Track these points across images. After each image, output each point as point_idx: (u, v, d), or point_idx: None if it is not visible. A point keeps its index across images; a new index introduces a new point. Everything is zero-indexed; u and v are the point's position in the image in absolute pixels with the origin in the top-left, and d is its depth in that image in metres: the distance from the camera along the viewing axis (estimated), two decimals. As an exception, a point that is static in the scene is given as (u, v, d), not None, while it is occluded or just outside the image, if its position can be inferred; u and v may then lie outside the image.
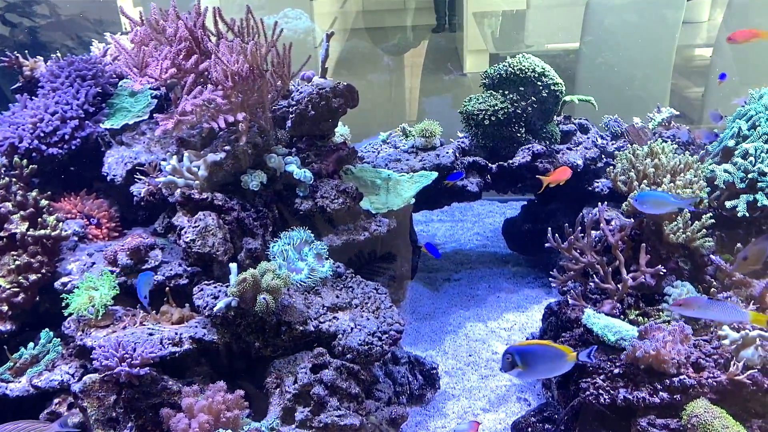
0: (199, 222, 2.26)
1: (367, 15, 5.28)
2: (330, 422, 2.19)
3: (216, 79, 2.17)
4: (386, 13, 5.44)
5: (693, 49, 5.21)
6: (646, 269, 2.24)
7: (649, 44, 4.43)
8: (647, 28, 4.40)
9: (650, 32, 4.41)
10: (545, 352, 1.79)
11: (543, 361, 1.79)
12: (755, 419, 1.98)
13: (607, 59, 4.54)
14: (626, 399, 1.99)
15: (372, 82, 5.10)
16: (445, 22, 5.55)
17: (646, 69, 4.49)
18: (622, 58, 4.49)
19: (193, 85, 2.18)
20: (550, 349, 1.79)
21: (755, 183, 2.23)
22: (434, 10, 5.48)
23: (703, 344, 2.08)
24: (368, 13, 5.28)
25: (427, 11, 5.37)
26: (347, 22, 5.28)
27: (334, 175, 2.72)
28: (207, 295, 2.23)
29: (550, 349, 1.79)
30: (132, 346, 2.05)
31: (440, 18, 5.51)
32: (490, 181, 3.21)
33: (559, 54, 4.89)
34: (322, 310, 2.38)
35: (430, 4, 5.40)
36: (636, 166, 2.31)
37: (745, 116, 2.38)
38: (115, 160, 2.50)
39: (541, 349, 1.80)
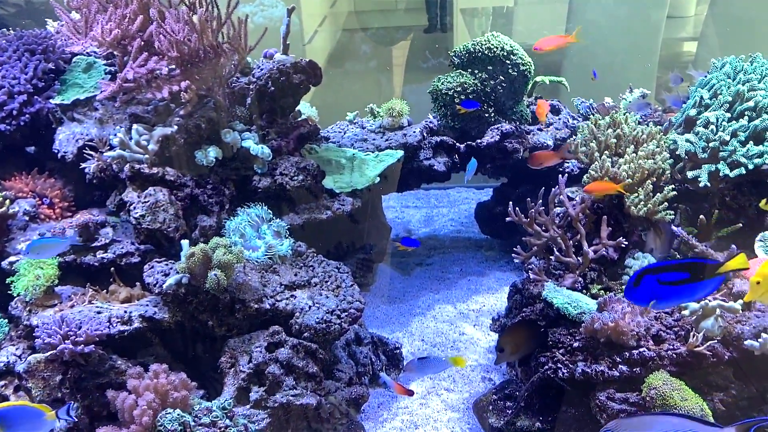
0: (149, 197, 2.19)
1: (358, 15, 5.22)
2: (286, 402, 2.14)
3: (159, 48, 2.11)
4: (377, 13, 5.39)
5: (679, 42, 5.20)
6: (607, 242, 2.19)
7: (634, 38, 4.41)
8: (631, 21, 4.38)
9: (635, 26, 4.39)
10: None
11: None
12: (716, 392, 1.95)
13: (592, 52, 4.50)
14: (585, 372, 1.94)
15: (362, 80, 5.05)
16: (436, 22, 5.49)
17: (632, 62, 4.45)
18: (607, 51, 4.46)
19: (139, 52, 2.11)
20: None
21: (717, 152, 2.19)
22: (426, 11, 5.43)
23: (665, 317, 2.03)
24: (359, 14, 5.22)
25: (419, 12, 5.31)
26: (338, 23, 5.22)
27: (295, 152, 2.65)
28: (157, 272, 2.17)
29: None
30: (77, 323, 1.99)
31: (432, 18, 5.46)
32: (458, 161, 3.16)
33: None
34: (280, 288, 2.32)
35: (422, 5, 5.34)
36: (598, 137, 2.26)
37: (707, 85, 2.34)
38: (66, 136, 2.43)
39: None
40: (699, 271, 1.55)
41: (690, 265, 1.58)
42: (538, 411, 2.08)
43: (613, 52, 4.41)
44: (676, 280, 1.55)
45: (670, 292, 1.56)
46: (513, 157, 3.19)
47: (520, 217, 2.33)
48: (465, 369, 2.61)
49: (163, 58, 2.14)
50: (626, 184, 2.17)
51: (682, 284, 1.55)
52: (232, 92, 2.56)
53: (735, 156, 2.16)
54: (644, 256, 2.12)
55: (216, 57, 2.34)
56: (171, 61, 2.14)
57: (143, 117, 2.42)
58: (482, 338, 2.80)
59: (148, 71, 2.16)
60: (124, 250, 2.27)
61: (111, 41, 2.21)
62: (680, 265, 1.59)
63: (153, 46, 2.21)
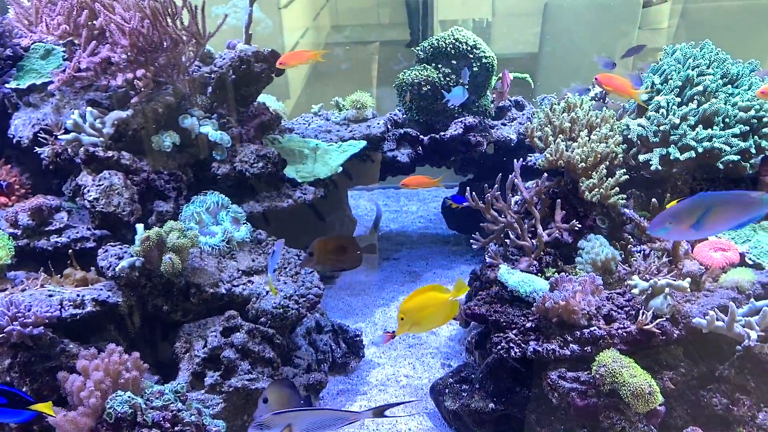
0: (104, 181, 2.18)
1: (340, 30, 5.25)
2: (240, 386, 2.13)
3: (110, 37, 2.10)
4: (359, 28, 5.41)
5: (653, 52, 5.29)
6: (561, 225, 2.22)
7: (607, 46, 4.47)
8: (603, 30, 4.45)
9: (607, 34, 4.46)
10: None
11: None
12: (666, 371, 1.97)
13: (566, 59, 4.57)
14: (536, 351, 1.96)
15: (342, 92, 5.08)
16: (418, 37, 5.51)
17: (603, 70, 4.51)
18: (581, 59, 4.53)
19: (88, 41, 2.10)
20: None
21: (667, 136, 2.22)
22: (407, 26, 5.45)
23: (617, 297, 2.05)
24: (341, 28, 5.24)
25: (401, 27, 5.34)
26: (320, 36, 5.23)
27: (256, 140, 2.66)
28: (111, 255, 2.15)
29: None
30: (26, 305, 1.96)
31: (414, 33, 5.48)
32: (422, 153, 3.18)
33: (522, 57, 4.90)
34: (237, 274, 2.31)
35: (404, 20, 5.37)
36: (552, 121, 2.29)
37: (658, 71, 2.38)
38: (22, 122, 2.41)
39: None
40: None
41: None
42: (492, 392, 2.08)
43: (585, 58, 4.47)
44: None
45: None
46: (476, 150, 3.22)
47: (477, 202, 2.34)
48: (425, 356, 2.62)
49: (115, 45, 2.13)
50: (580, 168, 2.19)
51: None
52: (193, 80, 2.56)
53: (685, 140, 2.20)
54: (596, 238, 2.15)
55: (173, 44, 2.34)
56: (124, 49, 2.14)
57: (101, 103, 2.41)
58: (444, 327, 2.81)
59: (101, 59, 2.15)
60: (79, 235, 2.25)
61: (60, 35, 2.19)
62: None
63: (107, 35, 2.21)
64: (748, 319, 1.88)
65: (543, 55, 4.61)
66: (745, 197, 1.45)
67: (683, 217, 1.45)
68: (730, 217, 1.46)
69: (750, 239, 2.18)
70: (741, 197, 1.46)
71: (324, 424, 1.57)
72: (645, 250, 2.16)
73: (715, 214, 1.44)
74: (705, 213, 1.45)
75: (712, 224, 1.46)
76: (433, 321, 1.68)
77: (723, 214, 1.44)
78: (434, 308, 1.64)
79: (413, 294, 1.67)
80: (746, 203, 1.44)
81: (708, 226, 1.46)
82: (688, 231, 1.47)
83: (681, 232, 1.47)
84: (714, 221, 1.45)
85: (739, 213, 1.44)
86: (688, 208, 1.45)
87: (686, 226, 1.46)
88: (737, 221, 1.45)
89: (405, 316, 1.62)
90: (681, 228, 1.46)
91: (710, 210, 1.45)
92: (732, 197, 1.49)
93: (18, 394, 1.71)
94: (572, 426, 1.93)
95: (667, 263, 2.11)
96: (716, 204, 1.45)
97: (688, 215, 1.44)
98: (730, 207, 1.45)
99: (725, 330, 1.87)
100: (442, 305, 1.63)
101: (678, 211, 1.45)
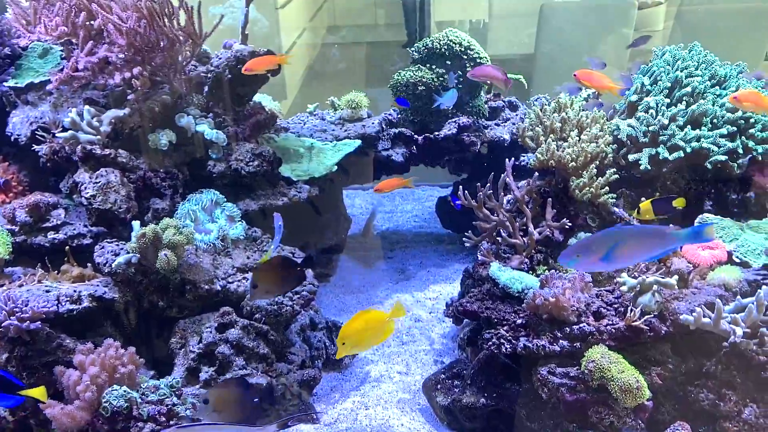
0: (101, 178, 2.21)
1: (337, 30, 5.27)
2: (235, 381, 2.15)
3: (108, 36, 2.13)
4: (356, 28, 5.43)
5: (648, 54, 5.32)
6: (551, 223, 2.25)
7: (603, 47, 4.50)
8: (598, 31, 4.48)
9: (602, 36, 4.49)
10: None
11: None
12: (654, 367, 2.00)
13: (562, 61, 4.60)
14: (526, 347, 1.99)
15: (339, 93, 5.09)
16: (415, 38, 5.53)
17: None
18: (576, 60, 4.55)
19: (86, 41, 2.13)
20: None
21: (657, 136, 2.26)
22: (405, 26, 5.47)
23: (606, 294, 2.09)
24: (338, 29, 5.27)
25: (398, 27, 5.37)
26: (317, 37, 5.26)
27: (252, 139, 2.68)
28: (108, 252, 2.18)
29: None
30: (24, 300, 1.98)
31: (411, 34, 5.50)
32: (416, 152, 3.21)
33: (518, 58, 4.94)
34: (232, 271, 2.34)
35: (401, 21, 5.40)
36: (543, 122, 2.32)
37: (648, 72, 2.42)
38: (20, 120, 2.44)
39: None
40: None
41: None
42: (484, 388, 2.12)
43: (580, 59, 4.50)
44: None
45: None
46: (470, 150, 3.25)
47: (470, 200, 2.38)
48: (418, 353, 2.65)
49: (112, 45, 2.15)
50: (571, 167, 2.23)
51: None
52: (189, 79, 2.58)
53: (674, 140, 2.23)
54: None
55: (170, 44, 2.37)
56: (121, 49, 2.16)
57: (98, 102, 2.44)
58: (437, 324, 2.84)
59: (99, 59, 2.18)
60: (76, 232, 2.28)
61: (58, 35, 2.22)
62: None
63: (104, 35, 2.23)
64: (734, 315, 1.91)
65: (539, 57, 4.64)
66: (655, 232, 1.51)
67: (592, 249, 1.49)
68: (640, 251, 1.50)
69: (737, 238, 2.21)
70: (651, 232, 1.51)
71: None
72: (634, 248, 2.19)
73: (624, 247, 1.48)
74: (614, 246, 1.48)
75: (621, 257, 1.50)
76: (372, 341, 1.82)
77: (632, 247, 1.48)
78: (372, 330, 1.76)
79: (353, 318, 1.77)
80: (656, 238, 1.49)
81: (617, 259, 1.50)
82: (598, 263, 1.51)
83: (590, 264, 1.51)
84: (623, 254, 1.49)
85: (648, 247, 1.49)
86: (596, 241, 1.49)
87: (595, 259, 1.50)
88: (647, 255, 1.51)
89: (346, 341, 1.73)
90: (590, 260, 1.50)
91: (619, 243, 1.48)
92: (642, 232, 1.56)
93: (8, 378, 1.73)
94: (562, 421, 1.96)
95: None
96: (625, 238, 1.50)
97: (597, 248, 1.48)
98: (640, 241, 1.49)
99: (712, 326, 1.90)
100: (380, 326, 1.76)
101: (586, 244, 1.50)
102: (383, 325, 1.76)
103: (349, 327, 1.74)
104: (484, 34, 5.10)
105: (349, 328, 1.74)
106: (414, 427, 2.21)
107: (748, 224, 2.26)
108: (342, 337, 1.72)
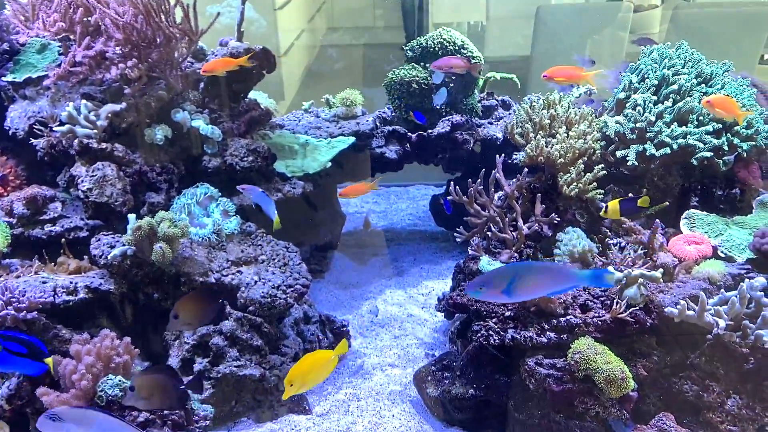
0: (97, 171, 2.24)
1: (336, 32, 5.29)
2: (228, 373, 2.19)
3: (105, 31, 2.16)
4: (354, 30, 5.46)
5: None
6: (540, 218, 2.29)
7: (598, 50, 4.55)
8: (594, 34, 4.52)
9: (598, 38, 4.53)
10: None
11: None
12: (639, 359, 2.04)
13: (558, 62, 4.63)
14: (514, 338, 2.03)
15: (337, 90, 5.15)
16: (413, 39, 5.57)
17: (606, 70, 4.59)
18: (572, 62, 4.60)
19: (83, 37, 2.16)
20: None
21: (644, 133, 2.30)
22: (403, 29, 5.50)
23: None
24: (336, 30, 5.29)
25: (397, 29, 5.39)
26: (315, 38, 5.28)
27: (247, 135, 2.72)
28: (103, 244, 2.21)
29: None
30: (21, 291, 2.02)
31: (409, 36, 5.52)
32: (410, 150, 3.25)
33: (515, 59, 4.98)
34: (226, 264, 2.38)
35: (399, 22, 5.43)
36: (532, 118, 2.36)
37: (636, 70, 2.47)
38: (18, 114, 2.47)
39: None
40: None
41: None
42: (472, 379, 2.15)
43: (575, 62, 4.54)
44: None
45: None
46: (463, 148, 3.29)
47: (460, 195, 2.42)
48: (410, 346, 2.68)
49: (109, 39, 2.19)
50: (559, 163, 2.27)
51: None
52: (185, 76, 2.62)
53: (661, 136, 2.28)
54: (574, 231, 2.22)
55: (166, 40, 2.40)
56: (118, 43, 2.20)
57: (95, 97, 2.47)
58: (429, 319, 2.88)
59: (96, 53, 2.21)
60: (73, 224, 2.31)
61: (56, 32, 2.26)
62: None
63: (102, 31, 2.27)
64: (718, 308, 1.95)
65: (535, 58, 4.68)
66: (555, 270, 1.60)
67: (494, 283, 1.58)
68: (540, 286, 1.58)
69: (723, 233, 2.25)
70: (552, 270, 1.60)
71: None
72: (621, 242, 2.23)
73: (524, 282, 1.57)
74: (513, 280, 1.57)
75: (521, 291, 1.59)
76: (317, 379, 1.85)
77: (532, 283, 1.57)
78: (317, 369, 1.79)
79: (301, 361, 1.80)
80: (556, 276, 1.57)
81: (517, 293, 1.59)
82: (500, 295, 1.59)
83: (492, 295, 1.60)
84: (523, 288, 1.58)
85: (548, 284, 1.57)
86: (499, 275, 1.59)
87: (497, 291, 1.58)
88: (548, 290, 1.59)
89: (293, 382, 1.75)
90: (492, 292, 1.59)
91: (520, 278, 1.57)
92: (544, 269, 1.65)
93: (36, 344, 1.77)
94: (549, 411, 2.00)
95: (642, 255, 2.18)
96: (525, 273, 1.59)
97: (498, 282, 1.57)
98: (539, 277, 1.58)
99: (696, 319, 1.94)
100: (324, 365, 1.80)
101: (489, 278, 1.59)
102: (328, 363, 1.80)
103: (296, 370, 1.77)
104: (482, 36, 5.14)
105: (295, 371, 1.76)
106: (405, 418, 2.24)
107: (734, 220, 2.31)
108: (289, 380, 1.74)
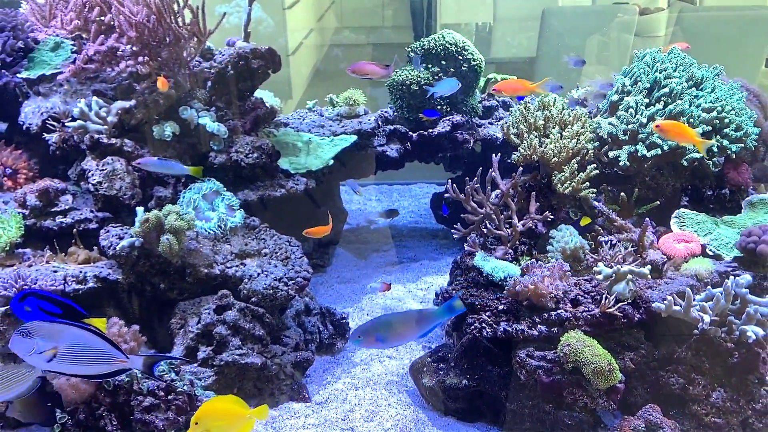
0: (107, 166, 2.33)
1: (344, 31, 5.35)
2: (231, 360, 2.27)
3: (119, 28, 2.25)
4: (363, 30, 5.51)
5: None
6: (534, 216, 2.36)
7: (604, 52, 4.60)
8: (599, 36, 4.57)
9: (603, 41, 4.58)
10: None
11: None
12: (627, 352, 2.11)
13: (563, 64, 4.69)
14: (506, 331, 2.10)
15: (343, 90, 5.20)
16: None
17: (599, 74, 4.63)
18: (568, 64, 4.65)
19: (97, 35, 2.26)
20: None
21: (636, 134, 2.37)
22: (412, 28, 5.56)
23: (583, 283, 2.20)
24: (345, 30, 5.35)
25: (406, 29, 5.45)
26: (324, 37, 5.34)
27: (252, 133, 2.80)
28: (112, 235, 2.30)
29: None
30: (32, 279, 2.11)
31: (418, 36, 5.58)
32: (410, 149, 3.32)
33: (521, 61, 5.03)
34: (230, 256, 2.46)
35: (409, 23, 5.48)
36: (527, 119, 2.44)
37: (629, 74, 2.54)
38: (31, 110, 2.56)
39: None
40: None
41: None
42: (466, 370, 2.22)
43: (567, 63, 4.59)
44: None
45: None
46: (463, 147, 3.37)
47: (457, 193, 2.49)
48: (407, 339, 2.76)
49: (121, 36, 2.28)
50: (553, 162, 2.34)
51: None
52: (193, 74, 2.71)
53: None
54: (567, 228, 2.29)
55: (176, 40, 2.49)
56: (130, 40, 2.29)
57: (106, 94, 2.56)
58: (427, 314, 2.95)
59: (108, 48, 2.30)
60: (83, 216, 2.40)
61: (72, 30, 2.35)
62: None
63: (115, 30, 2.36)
64: (704, 304, 2.02)
65: (540, 60, 4.74)
66: (419, 315, 1.85)
67: (368, 333, 1.80)
68: (407, 331, 1.82)
69: (712, 232, 2.32)
70: (414, 315, 1.87)
71: (88, 350, 1.57)
72: (612, 240, 2.30)
73: (393, 329, 1.81)
74: (384, 330, 1.80)
75: (392, 337, 1.82)
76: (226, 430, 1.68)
77: (399, 329, 1.81)
78: (230, 422, 1.65)
79: (214, 400, 1.75)
80: (419, 319, 1.82)
81: (389, 340, 1.83)
82: (375, 343, 1.81)
83: (369, 343, 1.82)
84: (393, 334, 1.81)
85: (413, 328, 1.81)
86: (369, 327, 1.82)
87: (372, 340, 1.80)
88: (415, 333, 1.82)
89: (199, 422, 1.61)
90: (368, 341, 1.81)
91: (389, 327, 1.81)
92: (407, 316, 1.93)
93: (73, 306, 1.82)
94: (539, 401, 2.08)
95: (632, 253, 2.25)
96: (391, 322, 1.83)
97: (372, 332, 1.80)
98: (404, 324, 1.83)
99: (682, 314, 2.01)
100: (239, 421, 1.65)
101: (365, 329, 1.81)
102: (243, 421, 1.64)
103: (207, 409, 1.64)
104: (489, 38, 5.20)
105: (205, 411, 1.62)
106: (401, 407, 2.32)
107: (723, 219, 2.38)
108: (197, 417, 1.60)
